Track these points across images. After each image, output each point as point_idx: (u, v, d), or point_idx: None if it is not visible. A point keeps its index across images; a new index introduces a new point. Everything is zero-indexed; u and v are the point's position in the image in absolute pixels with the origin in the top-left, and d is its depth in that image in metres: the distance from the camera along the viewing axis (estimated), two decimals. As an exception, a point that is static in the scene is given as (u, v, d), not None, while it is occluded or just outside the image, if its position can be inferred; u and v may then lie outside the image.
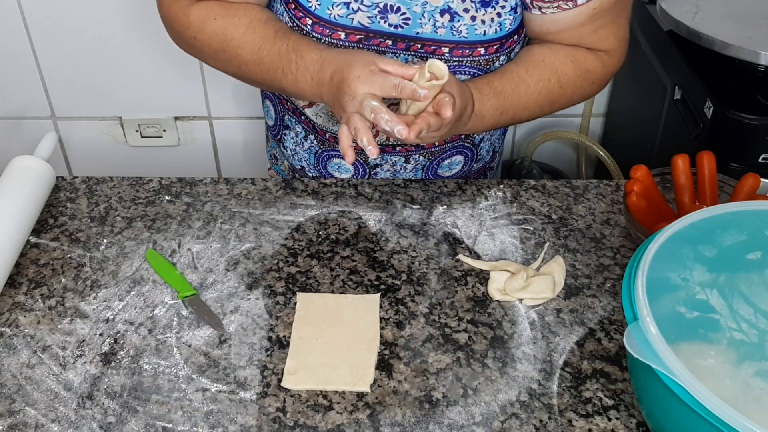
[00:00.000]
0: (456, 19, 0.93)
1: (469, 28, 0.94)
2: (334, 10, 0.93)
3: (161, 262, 0.95)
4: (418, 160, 1.17)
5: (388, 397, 0.81)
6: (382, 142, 1.12)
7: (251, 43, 0.96)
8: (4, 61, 1.83)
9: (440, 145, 1.15)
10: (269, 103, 1.22)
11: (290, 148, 1.22)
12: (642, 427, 0.78)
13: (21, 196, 1.01)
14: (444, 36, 0.94)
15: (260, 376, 0.83)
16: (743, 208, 0.81)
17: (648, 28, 1.56)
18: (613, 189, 1.11)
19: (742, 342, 0.70)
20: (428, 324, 0.89)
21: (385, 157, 1.15)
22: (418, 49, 0.96)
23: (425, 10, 0.92)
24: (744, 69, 1.29)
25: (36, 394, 0.81)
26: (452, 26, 0.93)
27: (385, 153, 1.14)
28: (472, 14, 0.93)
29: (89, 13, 1.75)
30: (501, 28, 0.95)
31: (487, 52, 0.96)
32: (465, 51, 0.95)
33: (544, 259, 0.99)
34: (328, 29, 0.94)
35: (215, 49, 1.00)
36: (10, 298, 0.93)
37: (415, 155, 1.16)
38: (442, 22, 0.93)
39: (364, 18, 0.93)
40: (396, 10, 0.92)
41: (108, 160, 2.02)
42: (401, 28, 0.93)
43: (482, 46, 0.95)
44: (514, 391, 0.82)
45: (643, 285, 0.71)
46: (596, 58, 1.01)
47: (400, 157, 1.16)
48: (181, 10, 0.99)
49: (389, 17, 0.93)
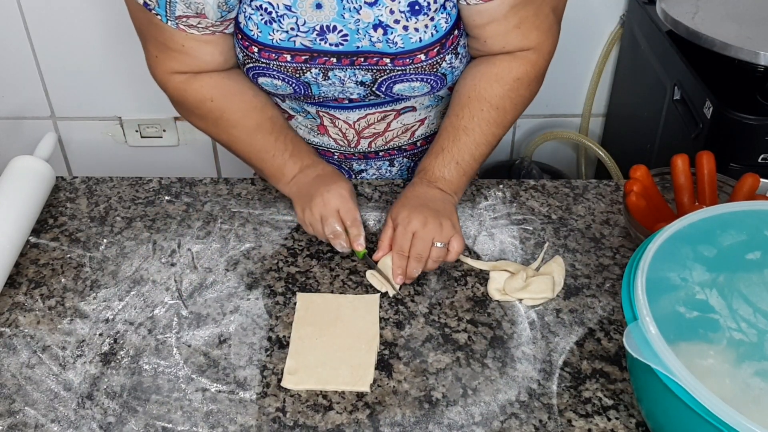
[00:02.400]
0: (389, 31, 0.94)
1: (403, 38, 0.95)
2: (275, 36, 0.96)
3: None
4: (402, 162, 1.18)
5: (387, 397, 0.81)
6: (365, 150, 1.14)
7: (245, 127, 1.04)
8: (4, 61, 1.83)
9: (422, 145, 1.16)
10: None
11: None
12: (641, 427, 0.78)
13: (21, 196, 1.01)
14: (382, 49, 0.96)
15: (260, 376, 0.83)
16: (743, 208, 0.81)
17: (648, 28, 1.56)
18: (613, 189, 1.11)
19: (742, 342, 0.70)
20: (428, 324, 0.89)
21: (370, 162, 1.16)
22: (362, 62, 0.97)
23: (359, 27, 0.94)
24: (744, 69, 1.29)
25: (36, 394, 0.81)
26: (387, 39, 0.95)
27: (369, 158, 1.15)
28: (403, 24, 0.94)
29: (89, 13, 1.75)
30: (437, 30, 0.96)
31: (429, 57, 0.97)
32: (406, 60, 0.97)
33: (544, 259, 0.99)
34: (274, 53, 0.97)
35: (209, 123, 1.05)
36: (10, 298, 0.93)
37: (399, 158, 1.17)
38: (377, 36, 0.95)
39: (306, 41, 0.96)
40: (333, 29, 0.95)
41: (108, 160, 2.01)
42: (342, 45, 0.96)
43: (421, 52, 0.96)
44: (514, 391, 0.82)
45: (642, 285, 0.71)
46: (523, 62, 1.01)
47: (384, 161, 1.16)
48: (174, 84, 1.02)
49: (328, 37, 0.95)
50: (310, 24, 0.94)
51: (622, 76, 1.83)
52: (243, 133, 1.04)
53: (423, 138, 1.15)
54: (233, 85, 1.02)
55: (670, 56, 1.42)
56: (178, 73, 1.00)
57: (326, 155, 1.16)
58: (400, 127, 1.11)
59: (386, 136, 1.12)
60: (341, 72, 0.99)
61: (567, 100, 1.93)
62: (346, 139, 1.12)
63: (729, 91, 1.25)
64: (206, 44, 0.97)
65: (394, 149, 1.15)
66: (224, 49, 1.00)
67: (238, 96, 1.02)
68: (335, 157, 1.16)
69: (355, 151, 1.14)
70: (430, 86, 1.01)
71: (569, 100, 1.93)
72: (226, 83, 1.02)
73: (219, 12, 0.93)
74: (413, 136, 1.14)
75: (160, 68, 1.00)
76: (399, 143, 1.14)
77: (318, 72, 0.98)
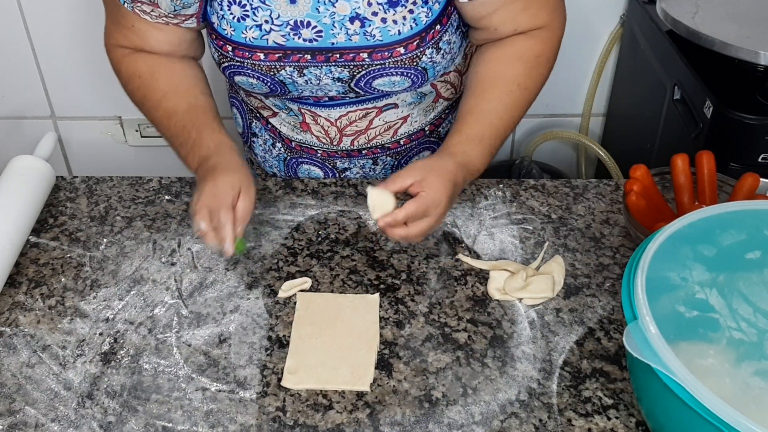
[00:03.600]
0: (367, 24, 0.94)
1: (382, 30, 0.94)
2: (248, 33, 0.96)
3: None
4: (386, 161, 1.18)
5: (387, 397, 0.81)
6: (347, 148, 1.13)
7: (164, 109, 1.02)
8: (4, 61, 1.83)
9: (405, 144, 1.16)
10: (236, 111, 1.24)
11: (260, 155, 1.23)
12: (641, 426, 0.78)
13: (21, 196, 1.01)
14: (359, 42, 0.95)
15: (260, 375, 0.83)
16: (742, 208, 0.81)
17: (648, 28, 1.56)
18: (613, 189, 1.11)
19: (742, 341, 0.70)
20: (428, 323, 0.90)
21: (353, 161, 1.16)
22: (338, 59, 0.97)
23: (335, 20, 0.94)
24: (744, 69, 1.29)
25: (36, 394, 0.81)
26: (365, 31, 0.94)
27: (352, 157, 1.15)
28: (381, 16, 0.94)
29: (89, 13, 1.75)
30: (417, 23, 0.95)
31: (408, 50, 0.96)
32: (384, 53, 0.96)
33: (544, 258, 0.99)
34: (248, 52, 0.98)
35: (137, 101, 1.06)
36: (10, 297, 0.93)
37: (383, 156, 1.17)
38: (354, 29, 0.94)
39: (279, 37, 0.96)
40: (307, 24, 0.95)
41: (108, 159, 2.02)
42: (316, 41, 0.96)
43: (400, 45, 0.96)
44: (514, 390, 0.82)
45: (642, 284, 0.71)
46: (538, 41, 1.00)
47: (367, 159, 1.16)
48: (116, 57, 1.06)
49: (302, 32, 0.95)
50: (284, 18, 0.94)
51: (622, 76, 1.83)
52: (162, 116, 1.02)
53: (406, 136, 1.15)
54: (164, 67, 1.03)
55: (670, 56, 1.42)
56: (122, 47, 1.04)
57: (310, 153, 1.16)
58: (382, 125, 1.11)
59: (368, 134, 1.12)
60: (316, 69, 0.98)
61: (567, 99, 1.93)
62: (329, 136, 1.12)
63: (729, 91, 1.25)
64: (156, 30, 1.01)
65: (377, 147, 1.15)
66: (173, 39, 1.02)
67: (164, 76, 1.03)
68: (319, 155, 1.16)
69: (338, 149, 1.14)
70: (411, 81, 1.01)
71: (569, 100, 1.93)
72: (159, 63, 1.03)
73: (172, 5, 0.96)
74: (396, 134, 1.14)
75: (110, 40, 1.06)
76: (382, 141, 1.14)
77: (293, 70, 0.98)
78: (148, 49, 1.03)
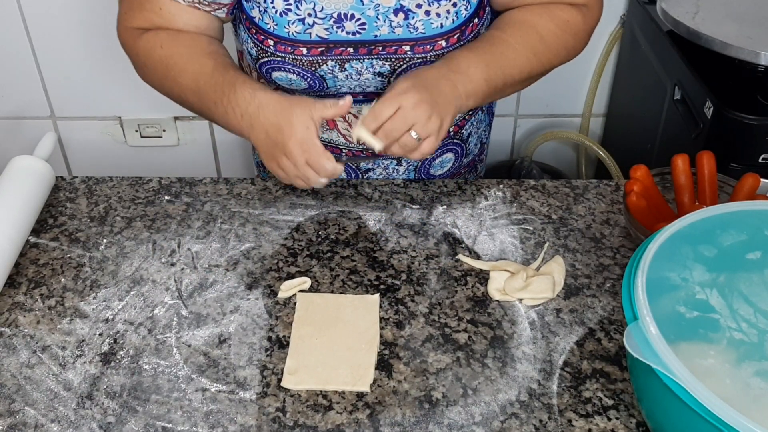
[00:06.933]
0: (410, 16, 0.94)
1: (425, 23, 0.94)
2: (291, 28, 0.95)
3: None
4: (410, 161, 1.17)
5: (387, 397, 0.81)
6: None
7: (191, 72, 0.98)
8: (4, 61, 1.83)
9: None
10: None
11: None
12: (642, 427, 0.78)
13: (21, 196, 1.01)
14: (402, 35, 0.95)
15: (260, 376, 0.83)
16: (743, 208, 0.81)
17: (648, 28, 1.56)
18: (613, 189, 1.11)
19: (742, 342, 0.70)
20: (428, 324, 0.89)
21: (377, 162, 1.16)
22: (380, 51, 0.97)
23: (379, 12, 0.94)
24: (744, 69, 1.29)
25: (36, 394, 0.81)
26: (408, 24, 0.94)
27: (377, 157, 1.15)
28: (425, 9, 0.94)
29: (89, 13, 1.75)
30: (458, 17, 0.95)
31: (449, 44, 0.97)
32: (426, 46, 0.96)
33: (544, 258, 0.99)
34: (290, 47, 0.97)
35: (159, 76, 1.02)
36: (10, 298, 0.93)
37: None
38: (398, 21, 0.94)
39: (322, 30, 0.95)
40: (350, 17, 0.94)
41: (108, 160, 2.02)
42: (359, 33, 0.95)
43: (442, 38, 0.96)
44: (514, 391, 0.82)
45: (642, 285, 0.71)
46: (575, 10, 1.00)
47: (392, 160, 1.16)
48: (132, 39, 1.02)
49: (345, 25, 0.95)
50: (328, 10, 0.94)
51: (622, 76, 1.83)
52: (190, 80, 0.99)
53: None
54: (186, 34, 1.01)
55: (670, 56, 1.42)
56: (140, 29, 1.01)
57: (334, 152, 1.15)
58: None
59: None
60: (358, 63, 0.98)
61: (567, 100, 1.93)
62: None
63: (729, 91, 1.25)
64: (185, 13, 0.98)
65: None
66: (200, 24, 1.00)
67: (187, 40, 1.00)
68: (343, 154, 1.16)
69: (363, 149, 1.14)
70: None
71: (569, 100, 1.93)
72: (180, 33, 1.00)
73: None
74: None
75: (125, 23, 1.01)
76: None
77: (334, 64, 0.97)
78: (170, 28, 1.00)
